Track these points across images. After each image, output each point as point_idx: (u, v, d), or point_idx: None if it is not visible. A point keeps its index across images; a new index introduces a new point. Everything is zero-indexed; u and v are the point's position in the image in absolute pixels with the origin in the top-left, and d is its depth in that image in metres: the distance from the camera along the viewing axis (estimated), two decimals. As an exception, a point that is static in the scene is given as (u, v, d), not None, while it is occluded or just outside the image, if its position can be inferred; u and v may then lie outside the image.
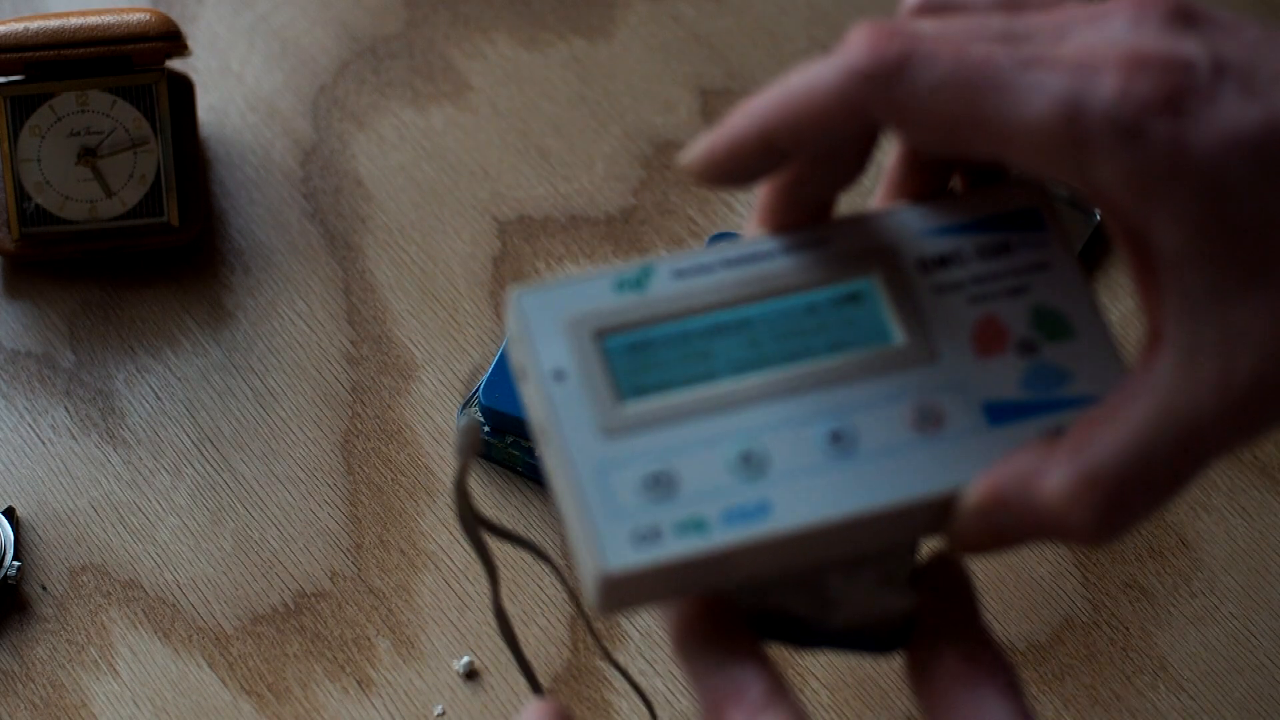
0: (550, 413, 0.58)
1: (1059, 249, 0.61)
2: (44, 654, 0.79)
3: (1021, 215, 0.62)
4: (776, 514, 0.57)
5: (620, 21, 0.98)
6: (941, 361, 0.60)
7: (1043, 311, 0.61)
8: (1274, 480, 0.82)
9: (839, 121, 0.58)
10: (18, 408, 0.85)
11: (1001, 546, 0.58)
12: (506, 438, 0.82)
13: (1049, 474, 0.56)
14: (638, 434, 0.58)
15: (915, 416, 0.59)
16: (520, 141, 0.94)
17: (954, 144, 0.57)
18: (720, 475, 0.57)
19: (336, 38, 0.97)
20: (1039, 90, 0.55)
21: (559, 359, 0.59)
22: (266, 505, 0.83)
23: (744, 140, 0.59)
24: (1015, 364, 0.60)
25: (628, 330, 0.60)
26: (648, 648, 0.79)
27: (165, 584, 0.81)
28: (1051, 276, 0.61)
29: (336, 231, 0.91)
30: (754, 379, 0.59)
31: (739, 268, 0.60)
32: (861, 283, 0.61)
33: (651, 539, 0.56)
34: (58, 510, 0.83)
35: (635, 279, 0.60)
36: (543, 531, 0.82)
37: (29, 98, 0.87)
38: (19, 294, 0.89)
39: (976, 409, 0.59)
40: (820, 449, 0.58)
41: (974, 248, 0.61)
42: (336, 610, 0.80)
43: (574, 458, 0.57)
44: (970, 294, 0.61)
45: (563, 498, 0.58)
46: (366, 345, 0.87)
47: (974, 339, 0.60)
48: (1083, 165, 0.55)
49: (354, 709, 0.77)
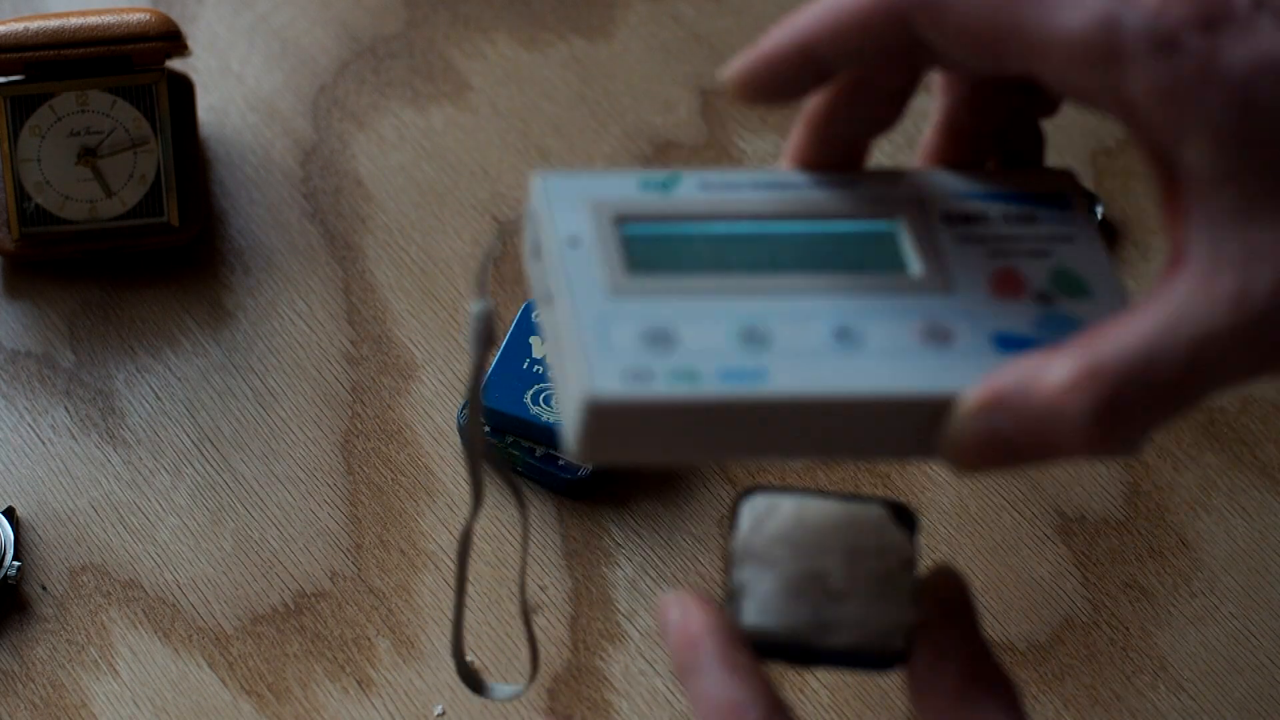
0: (560, 271, 0.58)
1: (1084, 226, 0.62)
2: (44, 654, 0.79)
3: (1050, 196, 0.63)
4: (772, 379, 0.56)
5: (620, 21, 0.98)
6: (956, 294, 0.60)
7: (1062, 272, 0.61)
8: (1274, 480, 0.82)
9: (880, 30, 0.58)
10: (18, 408, 0.85)
11: (996, 460, 0.57)
12: (506, 438, 0.82)
13: (1050, 368, 0.55)
14: (643, 300, 0.58)
15: (924, 331, 0.59)
16: (520, 141, 0.94)
17: (990, 55, 0.57)
18: (721, 340, 0.57)
19: (336, 38, 0.97)
20: (1078, 3, 0.56)
21: (576, 228, 0.59)
22: (266, 505, 0.83)
23: (784, 52, 0.59)
24: (1030, 308, 0.60)
25: (647, 221, 0.60)
26: (648, 648, 0.79)
27: (165, 584, 0.81)
28: (1074, 248, 0.62)
29: (336, 231, 0.91)
30: (765, 278, 0.59)
31: (767, 190, 0.61)
32: (887, 224, 0.61)
33: (643, 378, 0.56)
34: (58, 510, 0.83)
35: (662, 182, 0.61)
36: (542, 532, 0.82)
37: (29, 98, 0.87)
38: (19, 294, 0.89)
39: (986, 336, 0.59)
40: (825, 339, 0.58)
41: (1001, 214, 0.62)
42: (336, 610, 0.80)
43: (578, 307, 0.57)
44: (992, 248, 0.61)
45: (559, 344, 0.57)
46: (366, 345, 0.87)
47: (991, 282, 0.60)
48: (1116, 77, 0.55)
49: (354, 709, 0.77)
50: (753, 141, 0.93)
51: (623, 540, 0.81)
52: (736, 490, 0.83)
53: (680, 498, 0.82)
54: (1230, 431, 0.84)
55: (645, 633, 0.79)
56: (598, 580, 0.80)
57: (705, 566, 0.81)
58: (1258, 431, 0.84)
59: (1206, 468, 0.83)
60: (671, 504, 0.82)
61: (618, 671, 0.78)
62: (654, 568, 0.81)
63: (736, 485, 0.83)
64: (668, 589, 0.80)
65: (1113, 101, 0.56)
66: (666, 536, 0.82)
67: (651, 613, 0.79)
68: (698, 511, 0.82)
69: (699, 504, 0.82)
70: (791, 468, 0.83)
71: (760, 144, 0.93)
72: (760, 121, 0.94)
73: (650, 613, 0.79)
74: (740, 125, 0.94)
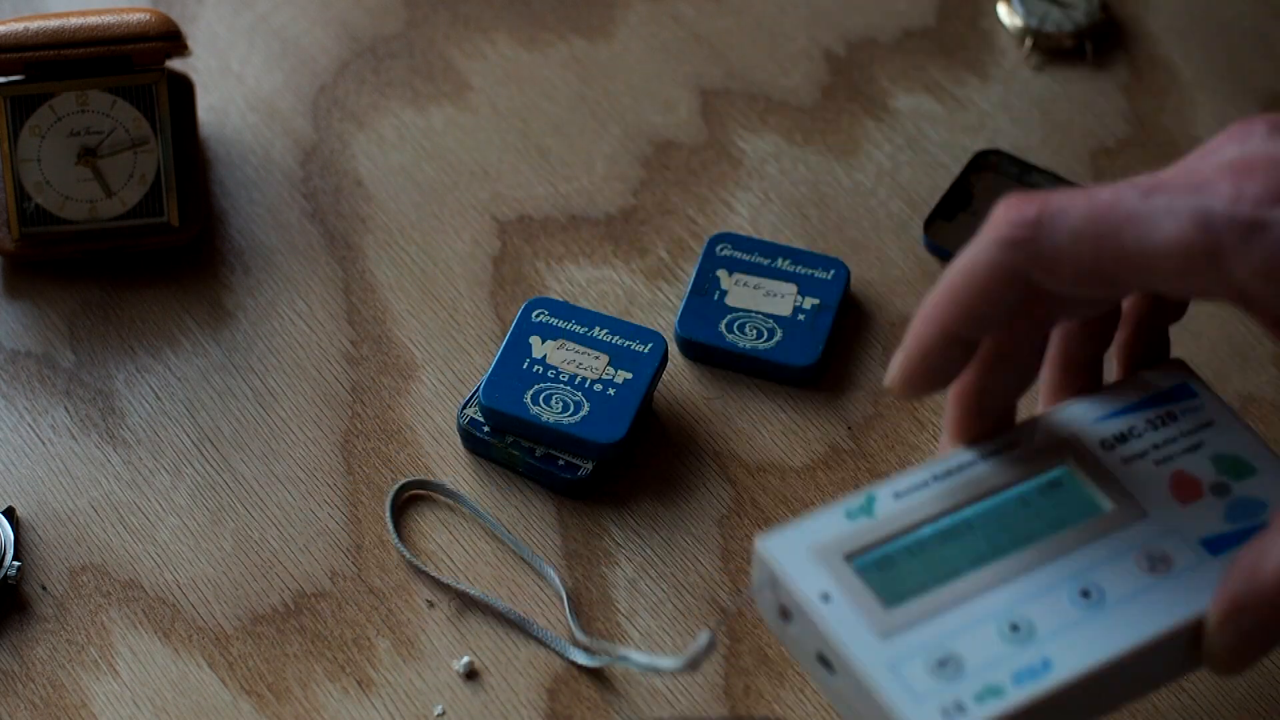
0: (828, 631, 0.65)
1: (1217, 407, 0.71)
2: (44, 654, 0.79)
3: (1175, 390, 0.71)
4: (1057, 667, 0.64)
5: (620, 21, 0.98)
6: (1152, 516, 0.68)
7: (1221, 458, 0.69)
8: (1274, 480, 0.82)
9: (1005, 293, 0.63)
10: (18, 408, 0.85)
11: (1257, 654, 0.63)
12: (506, 438, 0.82)
13: (1267, 557, 0.61)
14: (911, 630, 0.64)
15: (1146, 563, 0.66)
16: (520, 141, 0.94)
17: (1106, 284, 0.62)
18: (996, 644, 0.64)
19: (336, 38, 0.97)
20: (1168, 213, 0.61)
21: (820, 584, 0.65)
22: (266, 505, 0.83)
23: (929, 342, 0.65)
24: (1215, 504, 0.68)
25: (870, 550, 0.66)
26: (648, 648, 0.79)
27: (165, 584, 0.81)
28: (1218, 430, 0.70)
29: (336, 231, 0.91)
30: (994, 566, 0.66)
31: (948, 479, 0.68)
32: (1059, 470, 0.69)
33: (958, 712, 0.63)
34: (58, 510, 0.82)
35: (862, 506, 0.68)
36: (542, 532, 0.82)
37: (29, 98, 0.87)
38: (19, 294, 0.89)
39: (1196, 546, 0.67)
40: (1073, 606, 0.65)
41: (1144, 422, 0.70)
42: (336, 610, 0.80)
43: (864, 663, 0.64)
44: (1154, 458, 0.69)
45: (855, 700, 0.64)
46: (366, 345, 0.87)
47: (1171, 491, 0.68)
48: (1221, 270, 0.59)
49: (354, 709, 0.77)
50: (752, 141, 0.93)
51: (623, 540, 0.81)
52: (736, 490, 0.83)
53: (680, 498, 0.82)
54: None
55: (645, 633, 0.79)
56: (598, 580, 0.80)
57: (705, 566, 0.81)
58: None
59: (1206, 468, 0.83)
60: (671, 504, 0.82)
61: (618, 671, 0.78)
62: (654, 568, 0.81)
63: (736, 486, 0.83)
64: (667, 589, 0.80)
65: (1225, 291, 0.60)
66: (666, 536, 0.82)
67: (652, 613, 0.79)
68: (698, 511, 0.82)
69: (699, 504, 0.82)
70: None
71: (760, 144, 0.93)
72: (760, 121, 0.94)
73: (650, 613, 0.79)
74: (740, 125, 0.94)
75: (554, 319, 0.85)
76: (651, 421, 0.85)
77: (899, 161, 0.93)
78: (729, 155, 0.93)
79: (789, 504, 0.82)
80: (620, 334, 0.84)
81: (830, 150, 0.93)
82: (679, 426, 0.85)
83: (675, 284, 0.89)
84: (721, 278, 0.87)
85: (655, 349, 0.84)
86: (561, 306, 0.85)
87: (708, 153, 0.93)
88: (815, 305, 0.86)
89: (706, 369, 0.86)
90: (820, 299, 0.86)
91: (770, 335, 0.85)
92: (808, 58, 0.97)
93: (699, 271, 0.87)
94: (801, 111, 0.95)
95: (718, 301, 0.86)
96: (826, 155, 0.93)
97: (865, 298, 0.88)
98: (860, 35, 0.98)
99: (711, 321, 0.86)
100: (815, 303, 0.86)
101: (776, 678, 0.78)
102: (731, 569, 0.80)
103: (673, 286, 0.89)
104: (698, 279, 0.87)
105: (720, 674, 0.78)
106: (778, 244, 0.88)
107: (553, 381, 0.83)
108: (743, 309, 0.86)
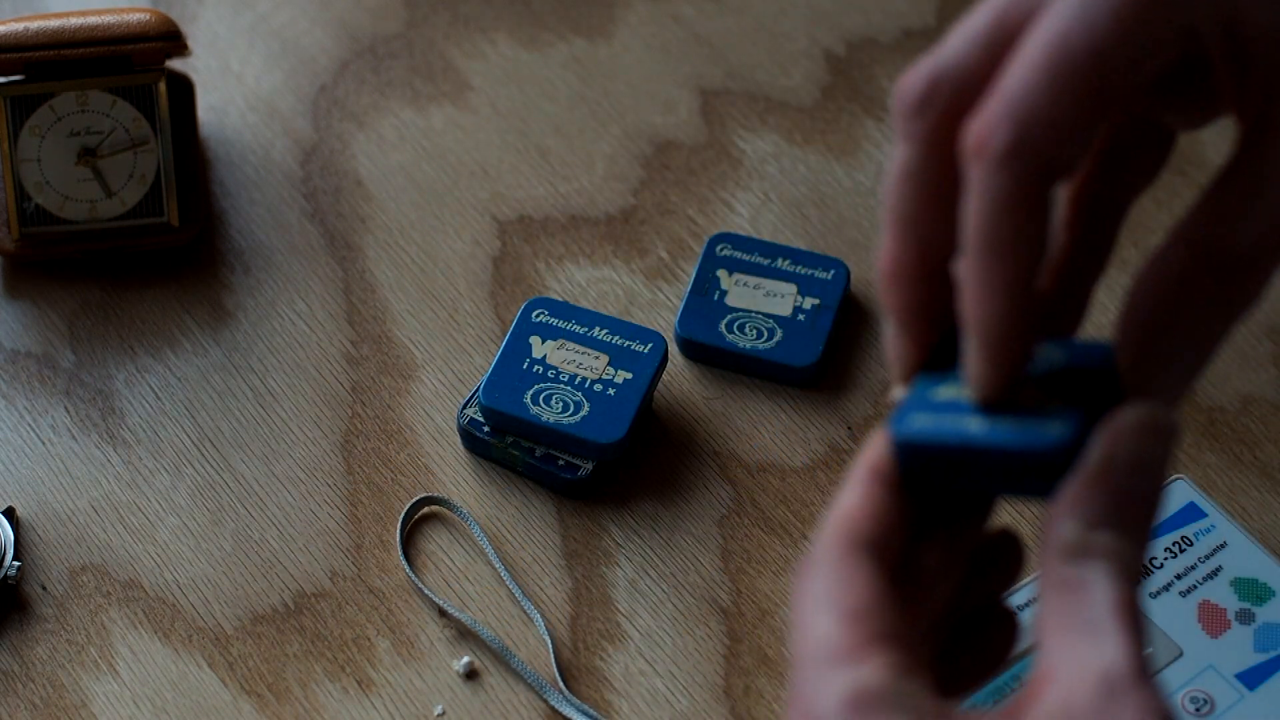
0: None
1: (1226, 525, 0.72)
2: (44, 654, 0.79)
3: (1184, 511, 0.72)
4: None
5: (620, 21, 0.98)
6: (1188, 654, 0.69)
7: (1240, 582, 0.71)
8: (1274, 480, 0.82)
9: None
10: (18, 408, 0.85)
11: None
12: (506, 438, 0.82)
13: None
14: None
15: (1193, 706, 0.67)
16: (520, 141, 0.94)
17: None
18: None
19: (336, 38, 0.97)
20: None
21: None
22: (266, 505, 0.83)
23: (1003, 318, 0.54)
24: (1242, 632, 0.69)
25: None
26: (647, 648, 0.79)
27: (165, 584, 0.81)
28: (1234, 553, 0.71)
29: (336, 231, 0.91)
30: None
31: None
32: None
33: None
34: (58, 510, 0.82)
35: None
36: (542, 532, 0.82)
37: (29, 98, 0.87)
38: (19, 294, 0.89)
39: (1232, 681, 0.68)
40: None
41: (1164, 550, 0.72)
42: (336, 610, 0.80)
43: None
44: (1179, 590, 0.70)
45: None
46: (366, 345, 0.87)
47: (1200, 624, 0.69)
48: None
49: (354, 709, 0.77)
50: (752, 141, 0.93)
51: (623, 540, 0.81)
52: (736, 490, 0.83)
53: (680, 498, 0.82)
54: (1230, 431, 0.84)
55: (645, 633, 0.79)
56: (598, 580, 0.80)
57: (705, 566, 0.81)
58: (1258, 431, 0.84)
59: (1206, 468, 0.83)
60: (671, 504, 0.82)
61: (618, 671, 0.78)
62: (654, 568, 0.81)
63: (736, 486, 0.83)
64: (667, 589, 0.80)
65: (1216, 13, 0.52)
66: (666, 536, 0.82)
67: (652, 613, 0.79)
68: (698, 511, 0.82)
69: (699, 504, 0.82)
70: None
71: (760, 144, 0.93)
72: (760, 121, 0.94)
73: (650, 613, 0.79)
74: (740, 125, 0.94)
75: (554, 319, 0.85)
76: (651, 421, 0.85)
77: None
78: (729, 155, 0.93)
79: (789, 504, 0.82)
80: (620, 334, 0.84)
81: (830, 150, 0.93)
82: (679, 426, 0.85)
83: (675, 284, 0.89)
84: (721, 278, 0.87)
85: (655, 349, 0.84)
86: (561, 306, 0.85)
87: (708, 153, 0.93)
88: (815, 305, 0.86)
89: (706, 369, 0.86)
90: (820, 299, 0.86)
91: (770, 335, 0.85)
92: (808, 58, 0.97)
93: (699, 271, 0.87)
94: (801, 111, 0.95)
95: (718, 301, 0.86)
96: (826, 155, 0.93)
97: (865, 298, 0.88)
98: (860, 35, 0.98)
99: (711, 321, 0.86)
100: (815, 303, 0.86)
101: (777, 678, 0.78)
102: (731, 569, 0.80)
103: (673, 286, 0.89)
104: (698, 279, 0.87)
105: (720, 674, 0.78)
106: (778, 244, 0.88)
107: (553, 381, 0.83)
108: (743, 309, 0.86)
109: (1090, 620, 0.50)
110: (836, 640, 0.52)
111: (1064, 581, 0.51)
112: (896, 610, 0.53)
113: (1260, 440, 0.84)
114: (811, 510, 0.82)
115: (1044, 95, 0.51)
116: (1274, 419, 0.84)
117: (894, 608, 0.53)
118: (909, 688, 0.51)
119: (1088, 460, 0.52)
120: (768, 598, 0.80)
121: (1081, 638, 0.50)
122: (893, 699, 0.50)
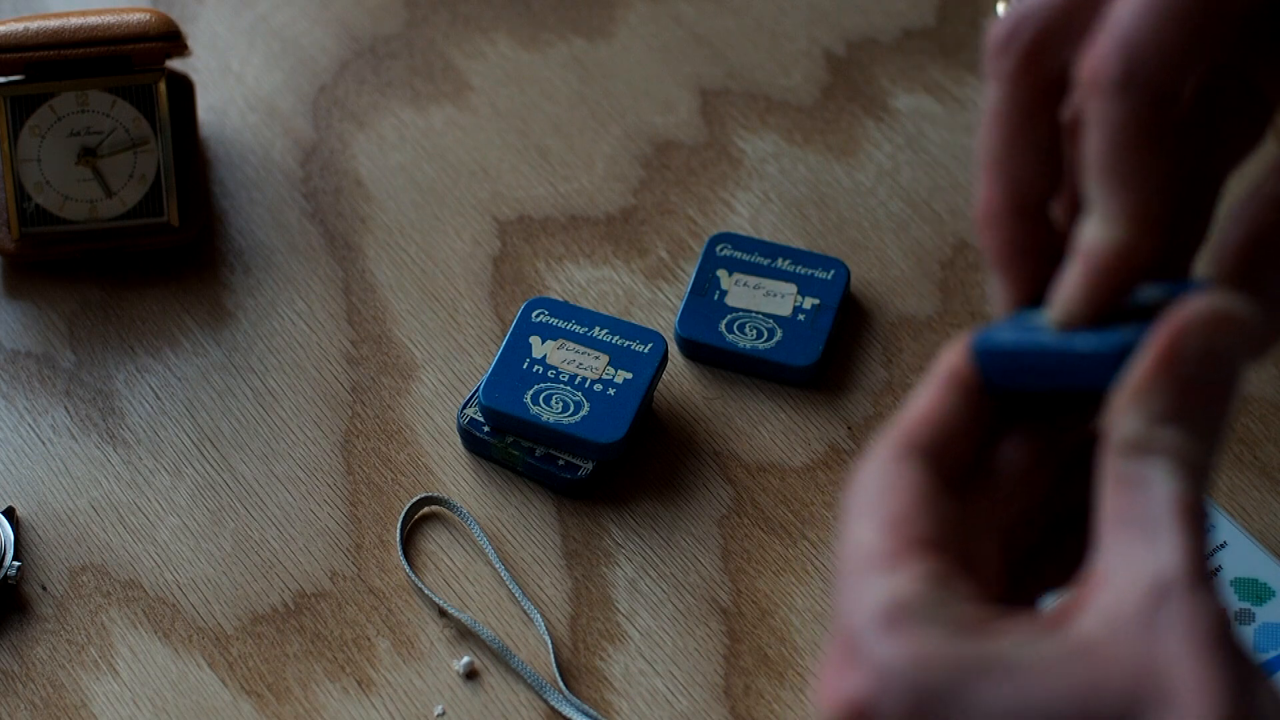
0: None
1: (1226, 525, 0.70)
2: (44, 654, 0.79)
3: None
4: None
5: (620, 21, 0.98)
6: None
7: (1238, 582, 0.69)
8: (1274, 480, 0.82)
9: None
10: (18, 408, 0.85)
11: None
12: (506, 438, 0.82)
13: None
14: None
15: None
16: (520, 141, 0.94)
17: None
18: None
19: (336, 38, 0.97)
20: None
21: None
22: (266, 505, 0.83)
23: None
24: (1243, 633, 0.67)
25: None
26: (648, 648, 0.79)
27: (165, 584, 0.81)
28: (1232, 550, 0.70)
29: (336, 231, 0.91)
30: None
31: None
32: None
33: None
34: (58, 510, 0.82)
35: None
36: (542, 532, 0.82)
37: (29, 98, 0.87)
38: (19, 294, 0.89)
39: None
40: None
41: None
42: (336, 610, 0.80)
43: None
44: None
45: None
46: (366, 345, 0.87)
47: None
48: None
49: (354, 709, 0.77)
50: (752, 141, 0.93)
51: (623, 540, 0.81)
52: (736, 490, 0.83)
53: (680, 498, 0.82)
54: (1230, 431, 0.84)
55: (645, 633, 0.79)
56: (598, 580, 0.80)
57: (705, 566, 0.81)
58: (1258, 431, 0.84)
59: (1206, 468, 0.83)
60: (671, 504, 0.82)
61: (618, 671, 0.78)
62: (654, 568, 0.81)
63: (736, 486, 0.83)
64: (668, 588, 0.80)
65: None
66: (666, 536, 0.82)
67: (652, 613, 0.79)
68: (698, 511, 0.82)
69: (699, 504, 0.82)
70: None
71: (760, 144, 0.93)
72: (760, 121, 0.94)
73: (650, 613, 0.79)
74: (740, 125, 0.94)
75: (554, 319, 0.85)
76: (651, 421, 0.85)
77: (899, 161, 0.93)
78: (729, 155, 0.93)
79: (789, 504, 0.82)
80: (620, 334, 0.84)
81: (830, 150, 0.93)
82: (679, 426, 0.85)
83: (675, 284, 0.89)
84: (721, 278, 0.87)
85: (655, 349, 0.84)
86: (561, 306, 0.85)
87: (708, 153, 0.93)
88: (815, 305, 0.86)
89: (706, 369, 0.86)
90: (820, 299, 0.86)
91: (770, 335, 0.85)
92: (808, 58, 0.97)
93: (699, 271, 0.87)
94: (801, 111, 0.95)
95: (718, 301, 0.87)
96: (826, 155, 0.93)
97: (865, 298, 0.88)
98: (860, 35, 0.98)
99: (711, 321, 0.86)
100: (815, 303, 0.86)
101: (776, 678, 0.78)
102: (731, 569, 0.80)
103: (673, 286, 0.89)
104: (698, 279, 0.87)
105: (720, 674, 0.78)
106: (778, 244, 0.88)
107: (553, 381, 0.83)
108: (743, 309, 0.86)
109: (1149, 521, 0.48)
110: (874, 546, 0.51)
111: (1124, 479, 0.49)
112: (944, 515, 0.52)
113: (1260, 440, 0.84)
114: (811, 510, 0.82)
115: (1150, 26, 0.52)
116: (1274, 419, 0.84)
117: (940, 512, 0.52)
118: (945, 596, 0.49)
119: (1152, 350, 0.50)
120: (768, 598, 0.80)
121: (1138, 539, 0.48)
122: (925, 610, 0.49)
